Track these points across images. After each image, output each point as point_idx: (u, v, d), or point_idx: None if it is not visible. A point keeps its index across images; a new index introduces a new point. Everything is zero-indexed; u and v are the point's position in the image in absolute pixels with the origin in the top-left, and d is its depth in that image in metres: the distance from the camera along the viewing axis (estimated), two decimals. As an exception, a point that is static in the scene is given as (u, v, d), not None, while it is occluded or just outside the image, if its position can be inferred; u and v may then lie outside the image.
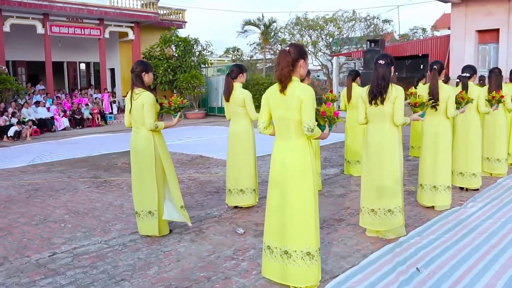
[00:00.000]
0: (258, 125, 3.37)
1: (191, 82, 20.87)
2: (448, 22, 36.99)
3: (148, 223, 4.44)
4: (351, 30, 26.39)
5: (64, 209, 5.64)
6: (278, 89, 3.18)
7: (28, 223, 5.10)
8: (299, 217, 3.19)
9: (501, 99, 6.09)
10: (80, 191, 6.63)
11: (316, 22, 25.77)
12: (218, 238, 4.43)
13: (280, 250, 3.26)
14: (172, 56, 21.64)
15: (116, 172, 8.21)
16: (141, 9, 20.52)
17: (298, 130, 3.17)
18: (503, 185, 6.29)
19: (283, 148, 3.22)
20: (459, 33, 19.06)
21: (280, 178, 3.22)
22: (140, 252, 4.09)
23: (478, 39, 18.95)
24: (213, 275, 3.57)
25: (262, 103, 3.33)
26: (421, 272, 3.55)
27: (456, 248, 4.05)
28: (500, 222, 4.73)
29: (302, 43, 26.39)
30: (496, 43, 18.42)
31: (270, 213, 3.32)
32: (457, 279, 3.44)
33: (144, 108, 4.25)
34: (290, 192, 3.19)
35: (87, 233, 4.67)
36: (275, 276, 3.33)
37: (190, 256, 3.98)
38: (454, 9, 19.11)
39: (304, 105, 3.07)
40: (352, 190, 6.32)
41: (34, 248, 4.27)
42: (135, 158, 4.44)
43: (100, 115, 18.66)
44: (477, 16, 18.49)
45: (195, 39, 22.03)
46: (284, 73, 3.09)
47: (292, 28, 26.14)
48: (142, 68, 4.35)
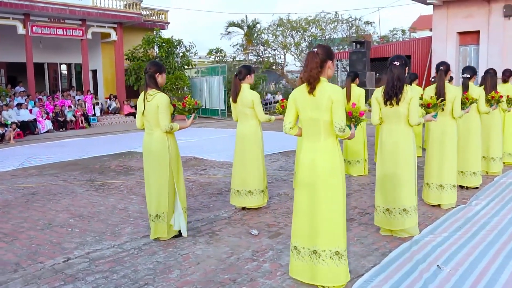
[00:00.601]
0: (284, 126, 3.37)
1: (175, 83, 20.74)
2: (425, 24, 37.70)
3: (159, 225, 4.37)
4: (333, 31, 26.61)
5: (67, 213, 5.52)
6: (306, 90, 3.18)
7: (33, 228, 4.98)
8: (329, 217, 3.20)
9: (500, 99, 6.23)
10: (80, 195, 6.50)
11: (299, 23, 25.91)
12: (233, 240, 4.40)
13: (309, 250, 3.27)
14: (156, 57, 21.45)
15: (112, 175, 8.08)
16: (124, 9, 20.27)
17: (328, 130, 3.18)
18: (501, 183, 6.44)
19: (312, 149, 3.22)
20: (440, 34, 19.46)
21: (310, 179, 3.22)
22: (157, 256, 4.03)
23: (459, 41, 19.39)
24: (238, 277, 3.54)
25: (289, 104, 3.32)
26: (442, 269, 3.61)
27: (470, 245, 4.13)
28: (506, 219, 4.84)
29: (285, 44, 26.51)
30: (476, 44, 18.87)
31: (298, 214, 3.32)
32: (479, 275, 3.50)
33: (159, 110, 4.19)
34: (320, 193, 3.19)
35: (98, 237, 4.58)
36: (303, 276, 3.33)
37: (209, 259, 3.94)
38: (436, 11, 19.50)
39: (335, 105, 3.09)
40: (355, 190, 6.37)
41: (46, 254, 4.17)
42: (148, 160, 4.37)
43: (84, 117, 18.34)
44: (458, 18, 18.91)
45: (178, 40, 21.92)
46: (313, 74, 3.10)
47: (275, 29, 26.21)
48: (156, 69, 4.29)
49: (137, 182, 7.33)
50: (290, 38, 26.89)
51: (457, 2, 18.64)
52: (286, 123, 3.35)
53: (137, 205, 5.85)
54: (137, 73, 20.92)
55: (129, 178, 7.70)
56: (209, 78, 21.94)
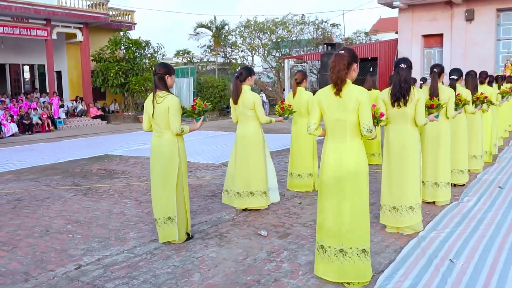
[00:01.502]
0: (308, 127, 3.41)
1: (144, 85, 20.42)
2: (384, 26, 38.67)
3: (167, 229, 4.32)
4: (300, 33, 26.93)
5: (63, 219, 5.35)
6: (332, 92, 3.23)
7: (30, 235, 4.80)
8: (355, 217, 3.26)
9: (485, 99, 6.52)
10: (69, 200, 6.31)
11: (266, 25, 26.07)
12: (244, 242, 4.41)
13: (335, 249, 3.32)
14: (123, 59, 21.05)
15: (95, 178, 7.88)
16: (90, 9, 19.77)
17: (354, 131, 3.24)
18: (485, 180, 6.73)
19: (338, 150, 3.28)
20: (406, 37, 20.06)
21: (336, 179, 3.28)
22: (172, 260, 3.98)
23: (423, 43, 20.05)
24: (261, 278, 3.55)
25: (313, 105, 3.37)
26: (455, 263, 3.75)
27: (474, 240, 4.30)
28: (500, 214, 5.07)
29: (253, 46, 26.61)
30: (440, 47, 19.58)
31: (324, 214, 3.36)
32: (491, 268, 3.66)
33: (170, 112, 4.14)
34: (347, 193, 3.25)
35: (103, 243, 4.47)
36: (329, 275, 3.38)
37: (226, 261, 3.93)
38: (401, 14, 20.09)
39: (363, 106, 3.16)
40: (348, 189, 6.48)
41: (53, 261, 4.03)
42: (157, 162, 4.30)
43: (50, 120, 17.75)
44: (423, 21, 19.55)
45: (146, 41, 21.62)
46: (340, 75, 3.16)
47: (242, 31, 26.26)
48: (166, 71, 4.24)
49: (124, 186, 7.18)
50: (258, 39, 27.03)
51: (421, 6, 19.28)
52: (310, 124, 3.39)
53: (133, 209, 5.74)
54: (104, 74, 20.47)
55: (115, 182, 7.53)
56: (178, 80, 21.70)
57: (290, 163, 6.37)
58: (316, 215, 3.49)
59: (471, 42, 18.48)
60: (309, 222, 4.97)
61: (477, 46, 18.33)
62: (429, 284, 3.38)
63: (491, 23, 18.15)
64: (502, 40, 18.26)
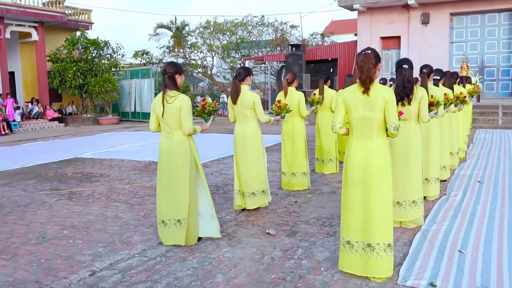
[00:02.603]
0: (333, 125, 3.47)
1: (104, 86, 19.88)
2: (336, 28, 39.55)
3: (176, 232, 4.23)
4: (259, 34, 27.10)
5: (56, 225, 5.14)
6: (360, 91, 3.31)
7: (27, 242, 4.57)
8: (382, 212, 3.36)
9: (464, 99, 6.85)
10: (55, 205, 6.06)
11: (226, 26, 26.04)
12: (254, 241, 4.41)
13: (363, 244, 3.40)
14: (81, 59, 20.40)
15: (74, 182, 7.60)
16: (46, 7, 19.01)
17: (379, 129, 3.34)
18: (463, 176, 7.08)
19: (365, 147, 3.36)
20: (365, 39, 20.65)
21: (363, 176, 3.36)
22: (189, 262, 3.92)
23: (382, 45, 20.72)
24: (285, 276, 3.58)
25: (339, 104, 3.43)
26: (464, 253, 3.93)
27: (473, 231, 4.52)
28: (488, 207, 5.35)
29: (212, 46, 26.51)
30: (398, 49, 20.32)
31: (350, 210, 3.44)
32: (498, 256, 3.86)
33: (182, 112, 4.08)
34: (373, 189, 3.34)
35: (109, 248, 4.33)
36: (355, 269, 3.46)
37: (244, 261, 3.92)
38: (360, 17, 20.69)
39: (389, 105, 3.26)
40: (338, 187, 6.63)
41: (63, 268, 3.87)
42: (167, 163, 4.22)
43: (6, 123, 16.91)
44: (381, 24, 20.23)
45: (105, 42, 21.05)
46: (370, 75, 3.24)
47: (202, 32, 26.10)
48: (176, 70, 4.17)
49: (108, 189, 6.98)
50: (217, 40, 26.96)
51: (380, 9, 19.94)
52: (336, 123, 3.45)
53: (127, 212, 5.60)
54: (61, 75, 19.74)
55: (96, 185, 7.30)
56: (138, 80, 21.28)
57: (283, 163, 6.42)
58: (341, 212, 3.56)
59: (427, 44, 19.30)
60: (311, 220, 5.04)
61: (433, 48, 19.17)
62: (448, 274, 3.53)
63: (445, 26, 19.04)
64: (455, 43, 19.19)
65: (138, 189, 6.93)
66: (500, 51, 18.38)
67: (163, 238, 4.33)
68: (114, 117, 20.72)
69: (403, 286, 3.36)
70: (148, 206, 5.88)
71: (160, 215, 4.32)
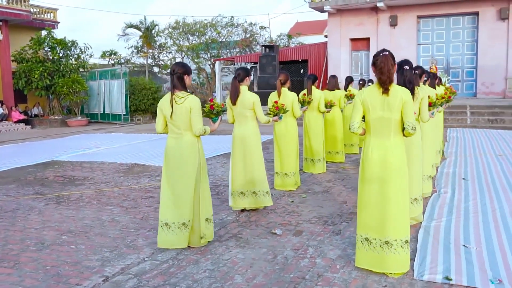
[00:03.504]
0: (352, 125, 3.53)
1: (73, 87, 19.36)
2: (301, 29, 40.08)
3: (179, 235, 4.18)
4: (229, 35, 27.07)
5: (52, 230, 4.98)
6: (379, 91, 3.39)
7: (26, 249, 4.41)
8: (400, 209, 3.45)
9: (449, 99, 7.08)
10: (45, 209, 5.86)
11: (195, 27, 25.87)
12: (262, 241, 4.42)
13: (380, 241, 3.48)
14: (48, 59, 19.78)
15: (57, 186, 7.38)
16: (10, 5, 18.32)
17: (396, 129, 3.43)
18: (447, 173, 7.33)
19: (383, 146, 3.44)
20: (335, 40, 21.02)
21: (381, 174, 3.44)
22: (203, 264, 3.89)
23: (351, 47, 21.13)
24: (304, 275, 3.61)
25: (357, 105, 3.49)
26: (469, 248, 4.08)
27: (471, 226, 4.70)
28: (479, 202, 5.57)
29: (182, 47, 26.27)
30: (367, 50, 20.76)
31: (368, 208, 3.51)
32: (501, 250, 4.03)
33: (192, 113, 4.05)
34: (391, 187, 3.42)
35: (116, 252, 4.24)
36: (373, 265, 3.53)
37: (257, 261, 3.93)
38: (330, 18, 21.01)
39: (407, 105, 3.35)
40: (329, 186, 6.73)
41: (72, 275, 3.76)
42: (175, 165, 4.16)
43: (-31, 125, 16.19)
44: (350, 25, 20.62)
45: (72, 41, 20.49)
46: (390, 75, 3.32)
47: (171, 32, 25.82)
48: (185, 70, 4.13)
49: (97, 192, 6.81)
50: (185, 41, 26.73)
51: (349, 11, 20.32)
52: (354, 123, 3.51)
53: (123, 216, 5.49)
54: (27, 76, 19.08)
55: (82, 188, 7.11)
56: (108, 81, 20.84)
57: (276, 163, 6.46)
58: (357, 209, 3.63)
59: (395, 46, 19.76)
60: (313, 219, 5.10)
61: (401, 50, 19.64)
62: (459, 268, 3.66)
63: (412, 28, 19.61)
64: (422, 44, 19.80)
65: (128, 191, 6.80)
66: (464, 53, 19.10)
67: (164, 241, 4.21)
68: (83, 119, 20.20)
69: (420, 281, 3.46)
70: (143, 209, 5.79)
71: (163, 217, 4.24)
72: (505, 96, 17.93)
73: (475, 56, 18.67)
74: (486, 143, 10.67)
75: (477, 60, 18.56)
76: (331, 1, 19.81)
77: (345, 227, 4.78)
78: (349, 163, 8.67)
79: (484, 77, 18.42)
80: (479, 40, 18.42)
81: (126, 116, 20.28)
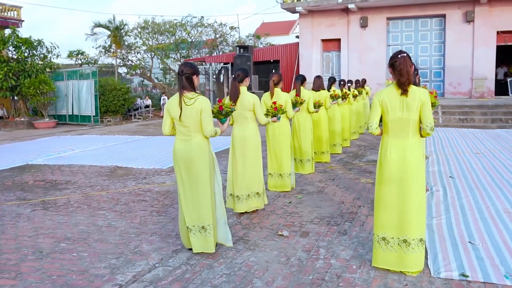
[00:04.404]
0: (370, 126, 3.54)
1: (40, 88, 18.69)
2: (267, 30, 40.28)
3: (202, 239, 4.08)
4: (199, 35, 26.84)
5: (47, 237, 4.77)
6: (398, 92, 3.41)
7: (25, 258, 4.20)
8: (417, 208, 3.49)
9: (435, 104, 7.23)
10: (33, 216, 5.61)
11: (165, 26, 25.52)
12: (271, 244, 4.38)
13: (398, 240, 3.51)
14: (12, 59, 19.02)
15: (39, 191, 7.09)
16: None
17: (415, 129, 3.47)
18: (433, 171, 7.50)
19: (402, 146, 3.47)
20: (306, 41, 21.20)
21: (400, 174, 3.46)
22: (217, 269, 3.82)
23: (322, 47, 21.36)
24: (323, 276, 3.60)
25: (375, 105, 3.51)
26: (475, 244, 4.17)
27: (471, 223, 4.81)
28: (471, 199, 5.73)
29: (152, 47, 25.86)
30: (338, 51, 21.05)
31: (386, 208, 3.53)
32: (505, 245, 4.15)
33: (203, 114, 3.96)
34: (410, 187, 3.46)
35: (122, 259, 4.10)
36: (391, 265, 3.56)
37: (272, 264, 3.89)
38: (302, 19, 21.18)
39: (426, 106, 3.39)
40: (322, 186, 6.76)
41: (83, 284, 3.61)
42: (187, 168, 4.05)
43: None
44: (322, 26, 20.84)
45: (38, 40, 19.77)
46: (410, 77, 3.35)
47: (140, 32, 25.36)
48: (193, 70, 4.03)
49: (84, 197, 6.58)
50: (155, 40, 26.32)
51: (321, 12, 20.54)
52: (373, 123, 3.53)
53: (119, 220, 5.33)
54: (-10, 76, 18.27)
55: (67, 193, 6.85)
56: (77, 82, 20.23)
57: (270, 164, 6.43)
58: (375, 209, 3.65)
59: (366, 47, 20.18)
60: (315, 220, 5.10)
61: (371, 51, 20.08)
62: (471, 263, 3.74)
63: (382, 30, 20.01)
64: (392, 45, 20.22)
65: (117, 195, 6.61)
66: (432, 54, 19.65)
67: (193, 245, 4.11)
68: (51, 121, 19.51)
69: (438, 278, 3.51)
70: (138, 213, 5.63)
71: (186, 222, 4.13)
72: (471, 96, 18.57)
73: (443, 57, 19.24)
74: (461, 141, 11.00)
75: (445, 61, 19.14)
76: (303, 2, 19.97)
77: (349, 227, 4.80)
78: (335, 163, 8.75)
79: (451, 78, 19.02)
80: (446, 41, 19.00)
81: (96, 117, 19.74)
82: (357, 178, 7.30)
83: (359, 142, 11.60)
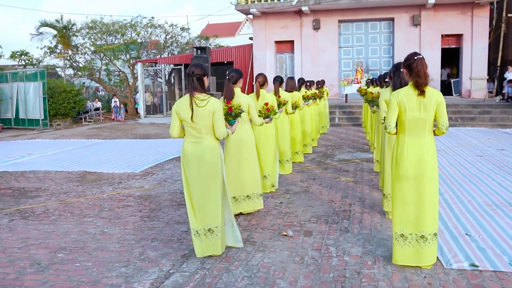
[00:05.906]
0: (388, 125, 3.64)
1: (-17, 90, 17.56)
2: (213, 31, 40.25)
3: (206, 242, 4.04)
4: (148, 36, 26.27)
5: (40, 248, 4.51)
6: (415, 93, 3.54)
7: (23, 272, 3.95)
8: (433, 204, 3.65)
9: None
10: (14, 226, 5.27)
11: (114, 27, 24.75)
12: (279, 244, 4.40)
13: (416, 236, 3.65)
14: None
15: (8, 199, 6.67)
16: None
17: (430, 128, 3.63)
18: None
19: (419, 145, 3.60)
20: (260, 43, 21.36)
21: (417, 172, 3.60)
22: (235, 271, 3.78)
23: (276, 49, 21.61)
24: (343, 273, 3.67)
25: (393, 105, 3.62)
26: (473, 237, 4.41)
27: (460, 216, 5.09)
28: (452, 194, 6.04)
29: (102, 48, 25.00)
30: (291, 52, 21.38)
31: (404, 205, 3.66)
32: (500, 237, 4.42)
33: (215, 116, 3.91)
34: (427, 184, 3.60)
35: (133, 267, 3.96)
36: (409, 260, 3.69)
37: (288, 264, 3.91)
38: (255, 21, 21.33)
39: (441, 106, 3.55)
40: (305, 186, 6.87)
41: (99, 295, 3.46)
42: (198, 171, 3.98)
43: None
44: (275, 28, 21.09)
45: (-22, 40, 18.55)
46: (427, 78, 3.49)
47: (88, 32, 24.44)
48: (204, 72, 3.97)
49: (61, 204, 6.27)
50: (103, 41, 25.46)
51: (274, 14, 20.77)
52: (390, 123, 3.64)
53: (112, 227, 5.13)
54: None
55: (42, 201, 6.50)
56: (23, 84, 19.18)
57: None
58: (393, 207, 3.76)
59: (318, 48, 20.65)
60: (313, 219, 5.18)
61: (324, 53, 20.57)
62: (476, 254, 3.96)
63: (334, 32, 20.55)
64: (343, 47, 20.84)
65: (98, 201, 6.36)
66: (382, 56, 20.45)
67: (199, 250, 4.05)
68: (-6, 125, 18.39)
69: (451, 269, 3.68)
70: (128, 219, 5.46)
71: (193, 226, 4.05)
72: (419, 96, 19.46)
73: (392, 59, 20.06)
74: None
75: (394, 63, 19.89)
76: (257, 4, 20.11)
77: (349, 225, 4.92)
78: (308, 162, 8.91)
79: (400, 79, 19.83)
80: (395, 44, 19.83)
81: (45, 121, 18.82)
82: (336, 177, 7.47)
83: (323, 142, 11.86)
